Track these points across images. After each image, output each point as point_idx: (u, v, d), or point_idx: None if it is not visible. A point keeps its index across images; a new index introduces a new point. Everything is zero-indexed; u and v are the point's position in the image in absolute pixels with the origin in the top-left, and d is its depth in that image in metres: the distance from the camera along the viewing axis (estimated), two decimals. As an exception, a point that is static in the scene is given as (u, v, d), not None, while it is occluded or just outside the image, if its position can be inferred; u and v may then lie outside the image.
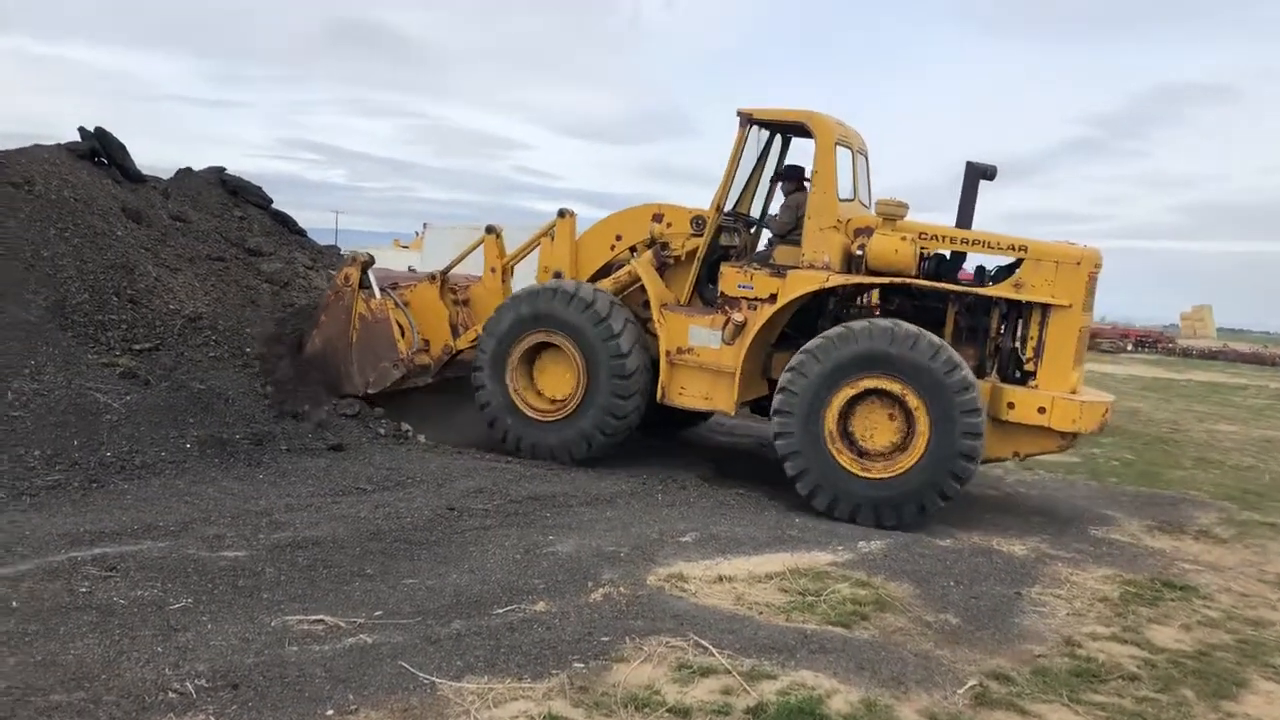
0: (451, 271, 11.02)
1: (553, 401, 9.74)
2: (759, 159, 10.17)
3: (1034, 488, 10.62)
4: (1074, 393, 8.61)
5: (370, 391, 10.01)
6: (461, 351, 10.52)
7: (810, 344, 8.57)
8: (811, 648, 5.29)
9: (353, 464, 8.55)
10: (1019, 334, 8.87)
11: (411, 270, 12.25)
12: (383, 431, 9.66)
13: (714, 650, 5.10)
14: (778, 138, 10.16)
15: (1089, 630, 6.06)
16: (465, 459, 9.23)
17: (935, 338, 8.30)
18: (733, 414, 9.44)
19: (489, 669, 4.70)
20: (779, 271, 9.12)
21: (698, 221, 9.67)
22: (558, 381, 9.74)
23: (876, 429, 8.45)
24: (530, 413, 9.71)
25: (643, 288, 9.68)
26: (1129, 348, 45.53)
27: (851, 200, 9.37)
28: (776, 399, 8.66)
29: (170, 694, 4.16)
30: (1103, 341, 44.84)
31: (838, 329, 8.54)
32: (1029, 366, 8.75)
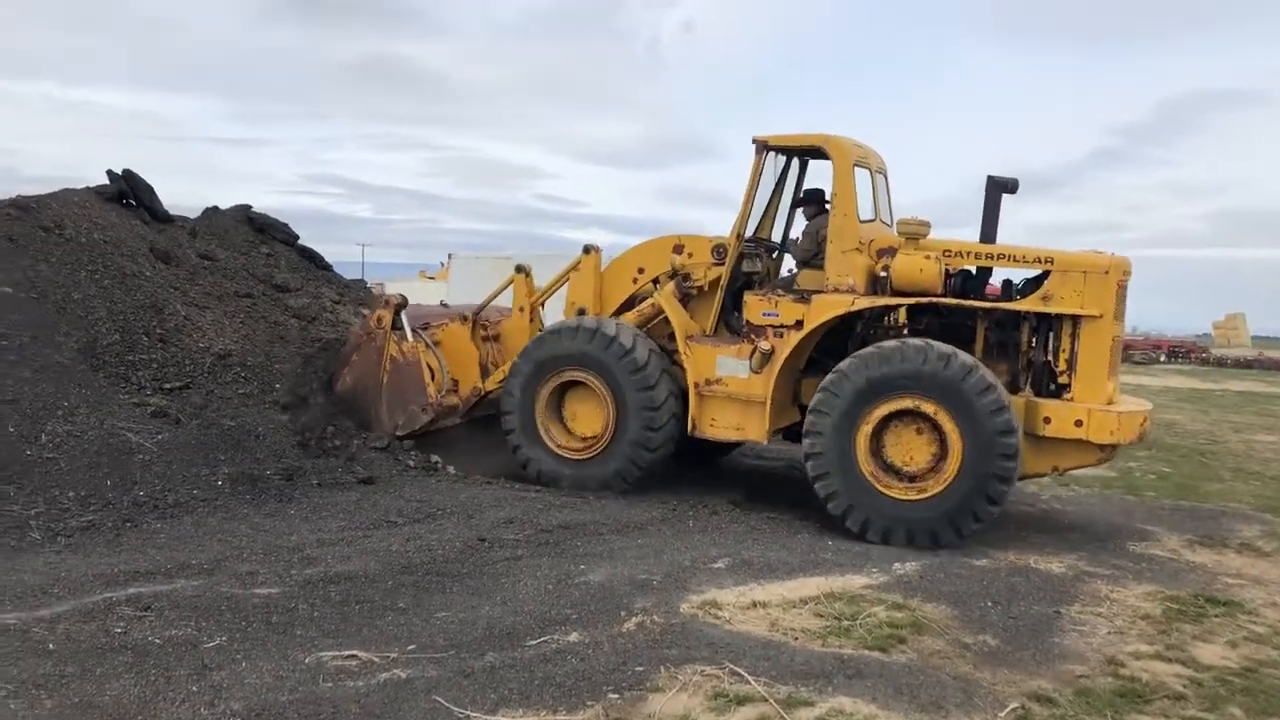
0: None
1: (583, 440, 9.74)
2: (777, 184, 10.15)
3: (1070, 503, 10.49)
4: (1110, 403, 8.48)
5: (399, 434, 10.03)
6: (491, 392, 10.52)
7: (843, 364, 8.50)
8: (849, 673, 5.23)
9: (383, 497, 8.56)
10: (1051, 347, 8.75)
11: (443, 304, 12.27)
12: (412, 464, 9.68)
13: (750, 678, 5.05)
14: (795, 162, 10.14)
15: (1132, 649, 5.95)
16: (495, 489, 9.23)
17: (968, 357, 8.21)
18: (765, 443, 9.38)
19: (523, 702, 4.67)
20: (804, 297, 9.08)
21: (719, 250, 9.64)
22: (588, 419, 9.74)
23: (910, 450, 8.37)
24: (562, 452, 9.72)
25: (667, 320, 9.65)
26: (1162, 359, 45.04)
27: (873, 221, 9.34)
28: (808, 420, 8.60)
29: (205, 734, 4.16)
30: (1135, 352, 44.36)
31: (870, 349, 8.47)
32: (1063, 379, 8.61)
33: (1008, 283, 9.09)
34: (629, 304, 10.23)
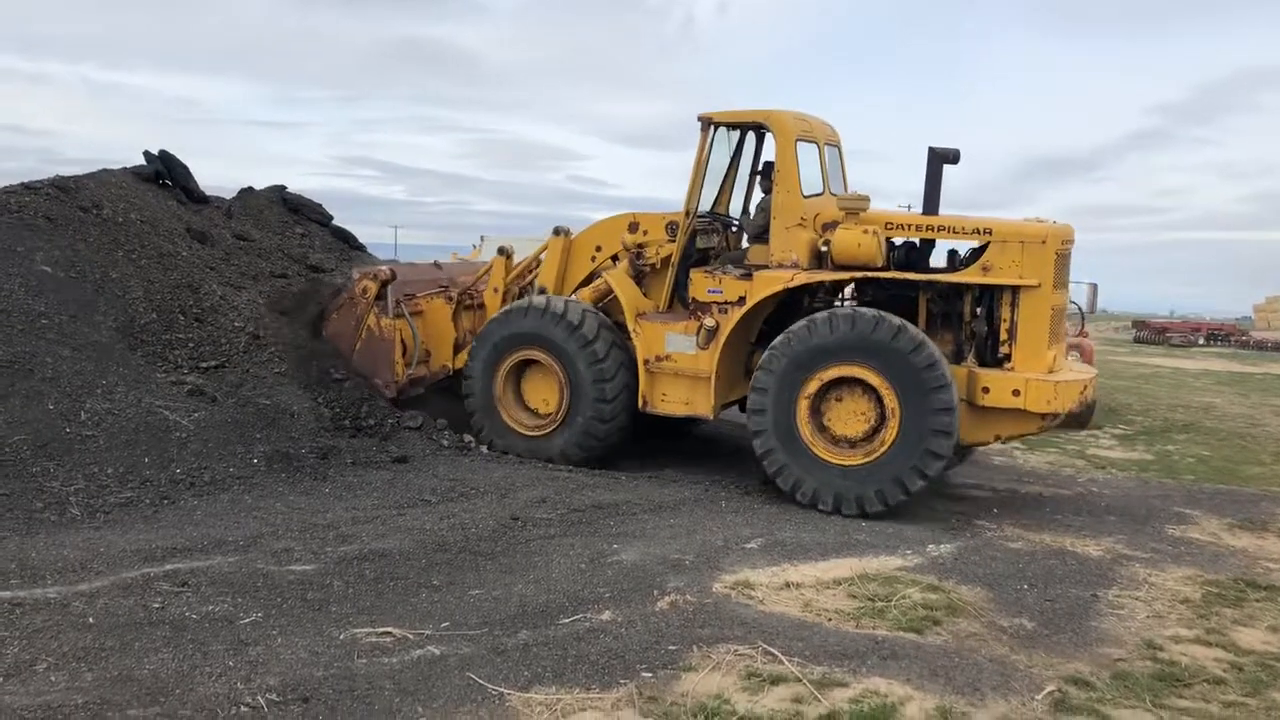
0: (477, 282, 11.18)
1: (540, 416, 9.89)
2: (732, 160, 10.22)
3: (1106, 486, 10.37)
4: (1051, 372, 8.51)
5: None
6: (460, 369, 10.65)
7: (777, 339, 8.62)
8: (883, 654, 5.20)
9: (417, 476, 8.59)
10: (992, 317, 8.78)
11: (436, 264, 12.25)
12: (446, 443, 9.71)
13: (783, 658, 5.03)
14: (751, 137, 10.14)
15: (1171, 633, 5.88)
16: (528, 469, 9.24)
17: (898, 320, 8.27)
18: (712, 418, 9.40)
19: (557, 679, 4.68)
20: (747, 274, 9.16)
21: (671, 227, 9.70)
22: (543, 397, 9.90)
23: (850, 417, 8.49)
24: (518, 428, 9.88)
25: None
26: (1200, 341, 44.42)
27: (820, 195, 9.36)
28: (750, 397, 8.73)
29: (242, 708, 4.20)
30: (1173, 335, 43.81)
31: (801, 322, 8.57)
32: (1004, 350, 8.63)
33: (953, 254, 9.11)
34: (588, 282, 10.31)
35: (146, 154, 12.31)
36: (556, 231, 10.45)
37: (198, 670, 4.54)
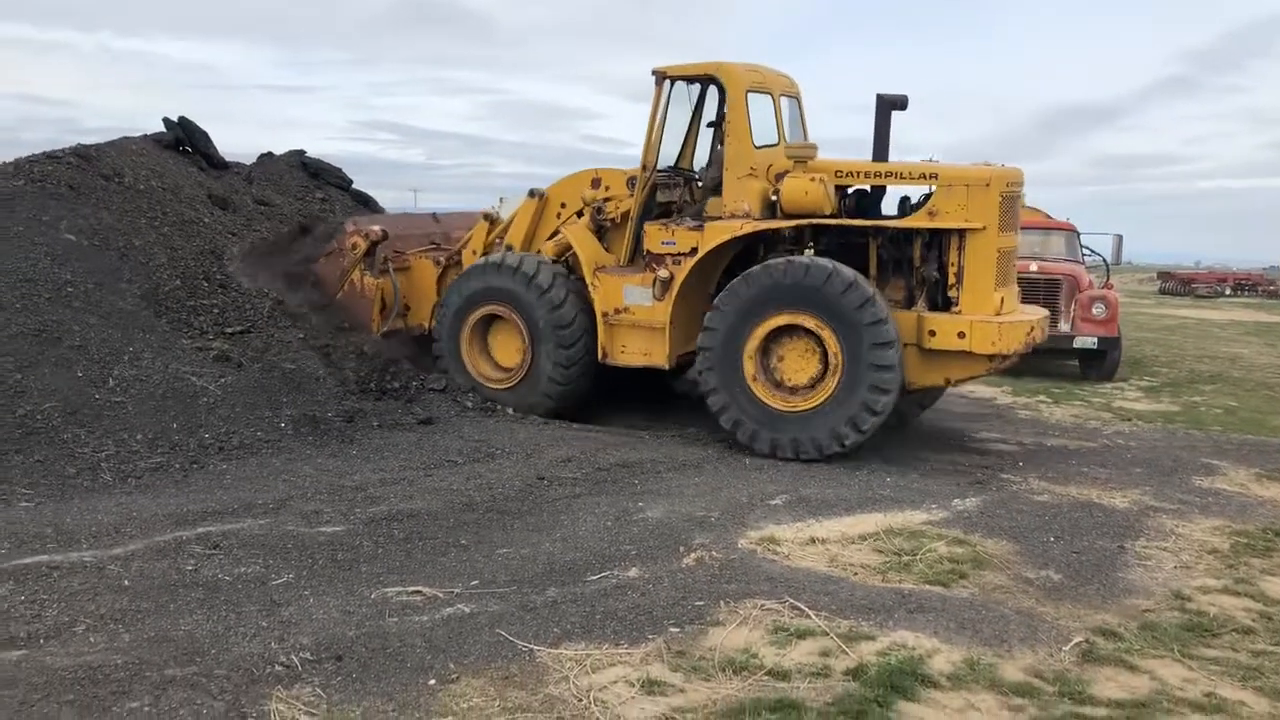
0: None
1: (504, 370, 10.07)
2: (694, 114, 10.21)
3: (1132, 439, 10.31)
4: (999, 314, 8.59)
5: None
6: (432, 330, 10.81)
7: (728, 285, 8.79)
8: (909, 607, 5.22)
9: (443, 437, 8.64)
10: (941, 262, 8.85)
11: (435, 217, 12.36)
12: (470, 405, 9.75)
13: (810, 612, 5.06)
14: (712, 91, 10.06)
15: (1199, 583, 5.87)
16: (552, 429, 9.28)
17: (844, 268, 8.39)
18: (667, 367, 9.48)
19: (585, 635, 4.73)
20: (700, 225, 9.24)
21: (633, 182, 9.75)
22: (508, 351, 10.08)
23: (796, 364, 8.67)
24: (484, 381, 10.06)
25: None
26: (1227, 292, 43.96)
27: (775, 146, 9.42)
28: (700, 338, 8.88)
29: (277, 667, 4.26)
30: (1199, 286, 43.39)
31: (752, 269, 8.73)
32: (952, 293, 8.73)
33: (904, 200, 9.15)
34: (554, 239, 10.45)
35: (166, 121, 12.33)
36: (532, 194, 10.55)
37: (232, 631, 4.61)
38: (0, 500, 6.46)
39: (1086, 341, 14.23)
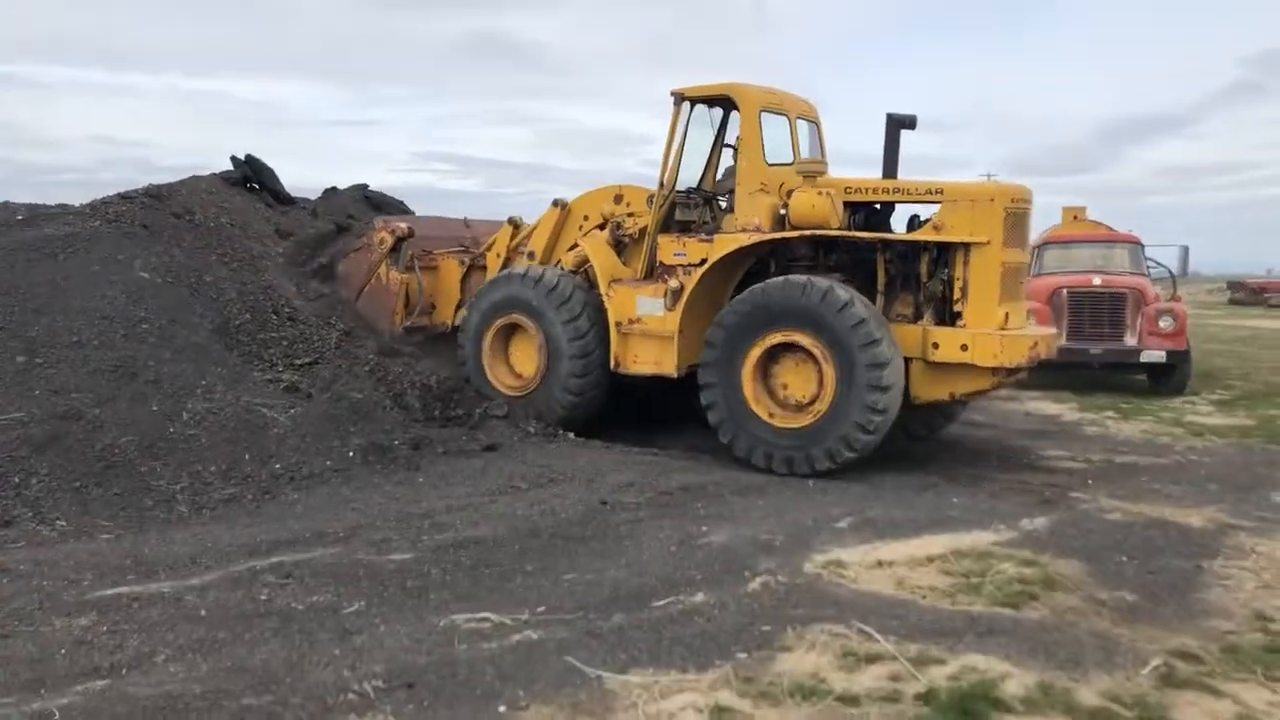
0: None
1: (522, 378, 10.38)
2: (716, 136, 10.40)
3: (1206, 454, 10.08)
4: (1002, 328, 8.66)
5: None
6: (458, 327, 11.24)
7: (730, 302, 9.09)
8: (980, 630, 5.15)
9: (506, 463, 8.73)
10: (947, 277, 8.99)
11: (466, 222, 12.78)
12: (532, 430, 9.83)
13: (878, 636, 5.01)
14: (727, 112, 10.26)
15: (1280, 603, 5.71)
16: (614, 453, 9.32)
17: (840, 288, 8.53)
18: (676, 375, 9.60)
19: (653, 661, 4.73)
20: (710, 237, 9.54)
21: (652, 200, 9.97)
22: (526, 360, 10.38)
23: (795, 381, 8.86)
24: (502, 389, 10.38)
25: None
26: (1301, 301, 42.81)
27: (788, 165, 9.68)
28: (702, 353, 9.12)
29: (350, 695, 4.32)
30: (1271, 295, 42.35)
31: (752, 287, 8.95)
32: (958, 307, 8.86)
33: (914, 217, 9.34)
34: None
35: (234, 159, 12.66)
36: (555, 203, 10.84)
37: (306, 659, 4.69)
38: (83, 533, 6.66)
39: (1154, 355, 13.98)
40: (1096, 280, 14.56)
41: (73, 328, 8.72)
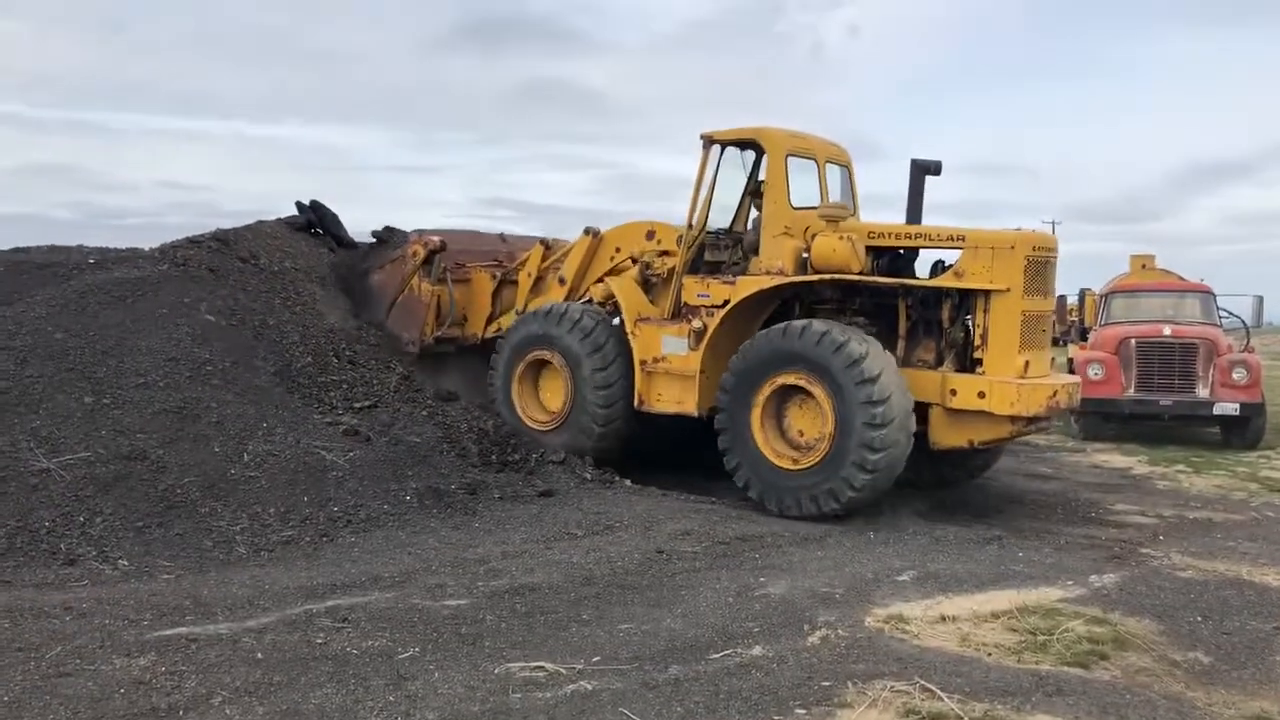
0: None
1: (550, 413, 10.51)
2: (748, 179, 10.48)
3: (1283, 511, 9.74)
4: (1022, 376, 8.65)
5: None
6: (486, 339, 11.65)
7: (744, 344, 9.14)
8: (1048, 690, 4.98)
9: (562, 509, 8.69)
10: (968, 324, 9.10)
11: (503, 238, 13.17)
12: (589, 476, 9.79)
13: (942, 694, 4.87)
14: (753, 155, 10.35)
15: (1366, 668, 5.46)
16: (670, 501, 9.24)
17: (837, 330, 8.61)
18: (696, 414, 9.63)
19: (710, 715, 4.63)
20: (733, 279, 9.65)
21: (680, 239, 10.10)
22: (554, 395, 10.53)
23: (802, 423, 8.93)
24: (531, 424, 10.52)
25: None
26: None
27: (815, 208, 9.73)
28: (717, 396, 9.25)
29: (404, 742, 4.28)
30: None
31: (761, 332, 9.14)
32: (978, 354, 8.90)
33: (938, 263, 9.41)
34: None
35: (298, 204, 12.88)
36: (587, 231, 11.02)
37: (360, 705, 4.66)
38: (145, 572, 6.74)
39: (1228, 408, 13.62)
40: (1167, 330, 14.26)
41: (139, 369, 8.89)
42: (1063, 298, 14.46)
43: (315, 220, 12.86)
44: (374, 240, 12.55)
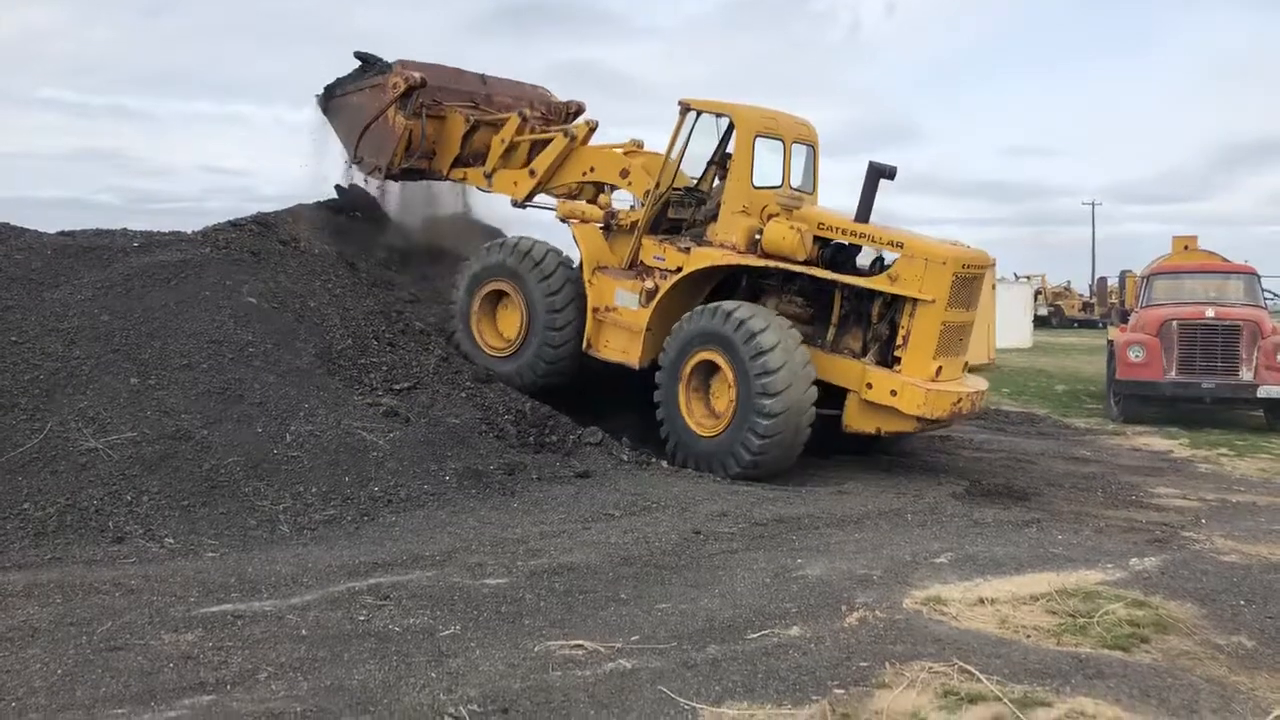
0: None
1: (506, 341, 11.06)
2: (717, 148, 10.81)
3: (1329, 495, 9.62)
4: (934, 381, 9.32)
5: (353, 166, 12.49)
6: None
7: (675, 324, 9.86)
8: (1088, 673, 4.96)
9: (599, 490, 8.74)
10: (893, 323, 9.61)
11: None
12: (626, 458, 9.83)
13: (981, 676, 4.86)
14: (726, 126, 10.62)
15: None
16: (706, 482, 9.26)
17: (744, 311, 9.33)
18: (637, 367, 10.27)
19: (748, 694, 4.66)
20: (688, 248, 10.14)
21: (646, 194, 10.53)
22: (510, 324, 11.04)
23: (719, 394, 9.63)
24: (487, 350, 11.05)
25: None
26: None
27: (776, 188, 10.27)
28: (659, 356, 9.97)
29: (445, 718, 4.34)
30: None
31: (694, 310, 9.81)
32: (898, 353, 9.47)
33: (878, 260, 9.97)
34: (568, 193, 11.50)
35: (337, 187, 12.99)
36: (564, 133, 11.33)
37: (403, 681, 4.73)
38: (190, 550, 6.86)
39: (1273, 391, 13.46)
40: (1210, 312, 14.09)
41: (183, 351, 9.02)
42: (1103, 280, 14.37)
43: (353, 203, 12.98)
44: (359, 62, 12.65)
